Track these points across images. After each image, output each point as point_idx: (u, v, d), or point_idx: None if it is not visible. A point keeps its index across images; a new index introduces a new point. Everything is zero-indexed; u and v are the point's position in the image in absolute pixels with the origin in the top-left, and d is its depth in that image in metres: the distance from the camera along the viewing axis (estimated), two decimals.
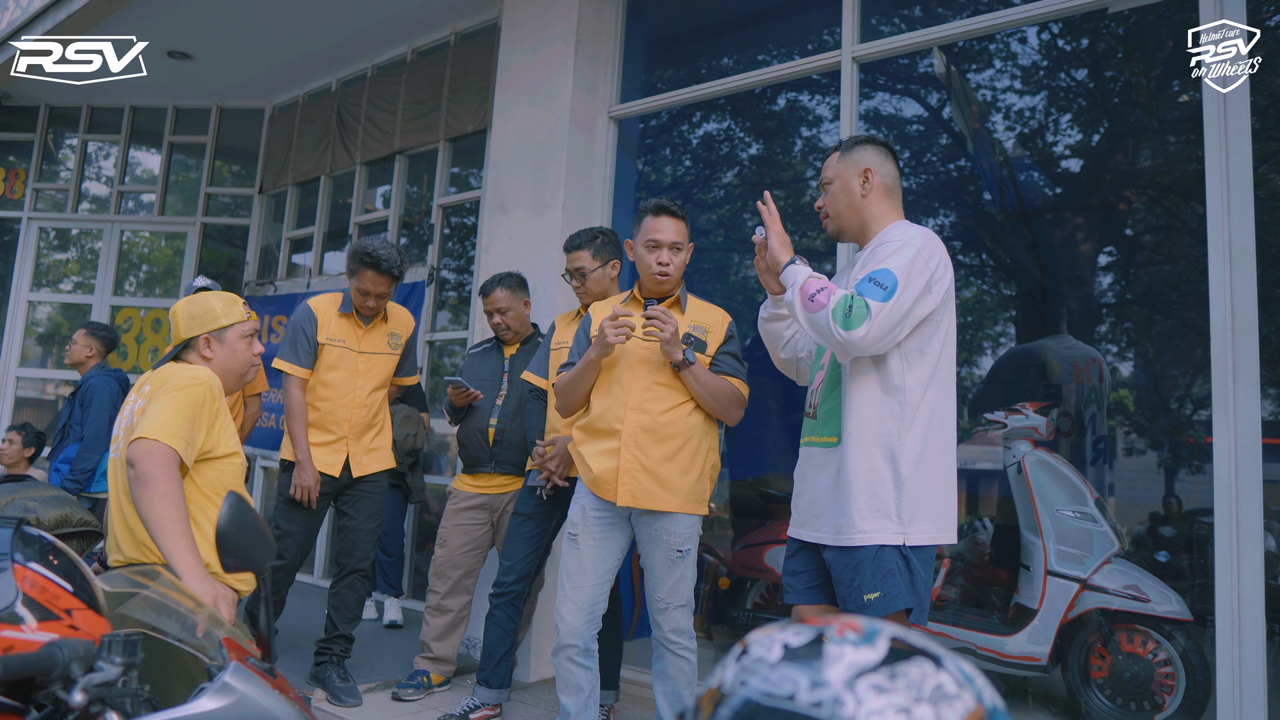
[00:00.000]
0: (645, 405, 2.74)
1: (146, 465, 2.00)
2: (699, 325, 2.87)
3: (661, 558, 2.75)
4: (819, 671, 0.63)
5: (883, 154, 2.36)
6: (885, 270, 2.08)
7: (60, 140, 7.99)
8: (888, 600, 2.06)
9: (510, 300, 3.81)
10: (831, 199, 2.37)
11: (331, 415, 3.61)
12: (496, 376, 3.84)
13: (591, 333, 2.89)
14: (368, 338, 3.70)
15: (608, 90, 4.64)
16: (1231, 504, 2.66)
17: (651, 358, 2.77)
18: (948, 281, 2.17)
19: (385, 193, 6.40)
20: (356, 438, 3.67)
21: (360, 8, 5.71)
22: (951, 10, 3.86)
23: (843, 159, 2.36)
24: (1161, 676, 3.07)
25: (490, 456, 3.75)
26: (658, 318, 2.65)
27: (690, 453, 2.76)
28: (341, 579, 3.71)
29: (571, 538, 2.83)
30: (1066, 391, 3.55)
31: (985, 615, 3.56)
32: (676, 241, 2.86)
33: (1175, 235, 3.55)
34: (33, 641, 1.05)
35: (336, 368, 3.62)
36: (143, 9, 5.70)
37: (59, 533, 2.70)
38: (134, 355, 7.44)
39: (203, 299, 2.44)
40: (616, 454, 2.73)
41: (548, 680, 4.08)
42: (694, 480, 2.76)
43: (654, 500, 2.71)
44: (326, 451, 3.61)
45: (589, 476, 2.79)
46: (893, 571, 2.08)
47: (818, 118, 4.50)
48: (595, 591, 2.80)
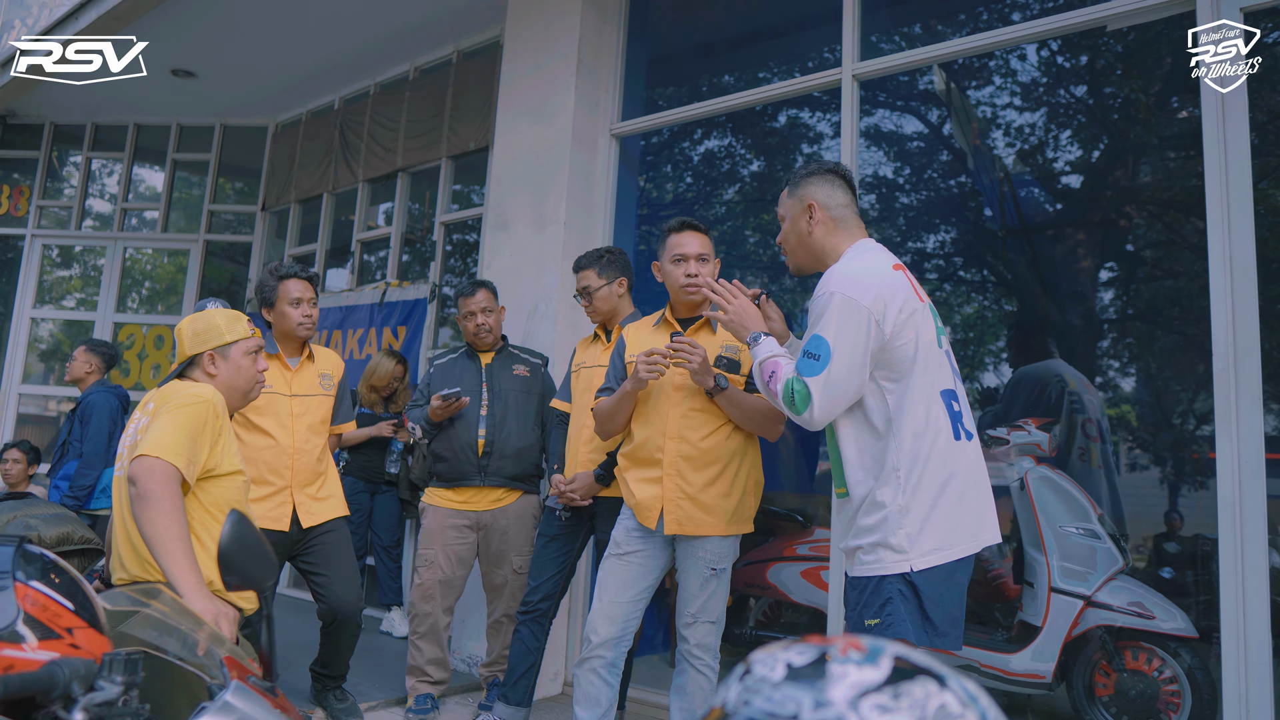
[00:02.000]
0: (684, 433, 2.74)
1: (148, 483, 2.00)
2: (731, 345, 2.85)
3: (696, 574, 2.76)
4: (822, 691, 0.63)
5: (829, 182, 2.30)
6: (816, 337, 2.09)
7: (64, 158, 8.03)
8: (885, 628, 2.06)
9: (492, 302, 3.79)
10: (784, 237, 2.37)
11: (271, 465, 3.33)
12: (476, 385, 3.73)
13: (626, 357, 2.91)
14: (297, 379, 3.49)
15: (609, 108, 4.66)
16: (1235, 520, 2.65)
17: (686, 384, 2.76)
18: (898, 303, 2.10)
19: (387, 210, 6.43)
20: (301, 486, 3.39)
21: (363, 26, 5.75)
22: (951, 28, 3.88)
23: (791, 195, 2.35)
24: (1167, 694, 3.05)
25: (479, 470, 3.66)
26: (684, 350, 2.63)
27: (731, 475, 2.76)
28: (336, 630, 3.45)
29: (616, 556, 2.84)
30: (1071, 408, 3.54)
31: (989, 633, 3.55)
32: (702, 253, 2.88)
33: (1176, 251, 3.56)
34: (33, 660, 1.05)
35: (266, 413, 3.36)
36: (146, 27, 5.74)
37: (60, 550, 2.70)
38: (136, 372, 7.45)
39: (207, 316, 2.44)
40: (659, 483, 2.74)
41: (549, 698, 4.06)
42: (736, 501, 2.76)
43: (698, 526, 2.73)
44: (269, 505, 3.31)
45: (633, 501, 2.81)
46: (891, 599, 2.06)
47: (818, 135, 4.52)
48: (632, 608, 2.81)
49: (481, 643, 4.09)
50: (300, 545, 3.41)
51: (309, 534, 3.41)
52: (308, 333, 3.50)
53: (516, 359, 3.86)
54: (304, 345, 3.56)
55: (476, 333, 3.76)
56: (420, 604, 3.67)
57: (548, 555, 3.42)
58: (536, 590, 3.40)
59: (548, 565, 3.41)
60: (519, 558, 3.70)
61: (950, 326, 4.22)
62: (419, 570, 3.70)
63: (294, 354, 3.53)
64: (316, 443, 3.48)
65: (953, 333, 4.24)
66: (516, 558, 3.70)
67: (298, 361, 3.52)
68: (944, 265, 4.24)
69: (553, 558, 3.41)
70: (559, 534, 3.40)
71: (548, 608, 3.41)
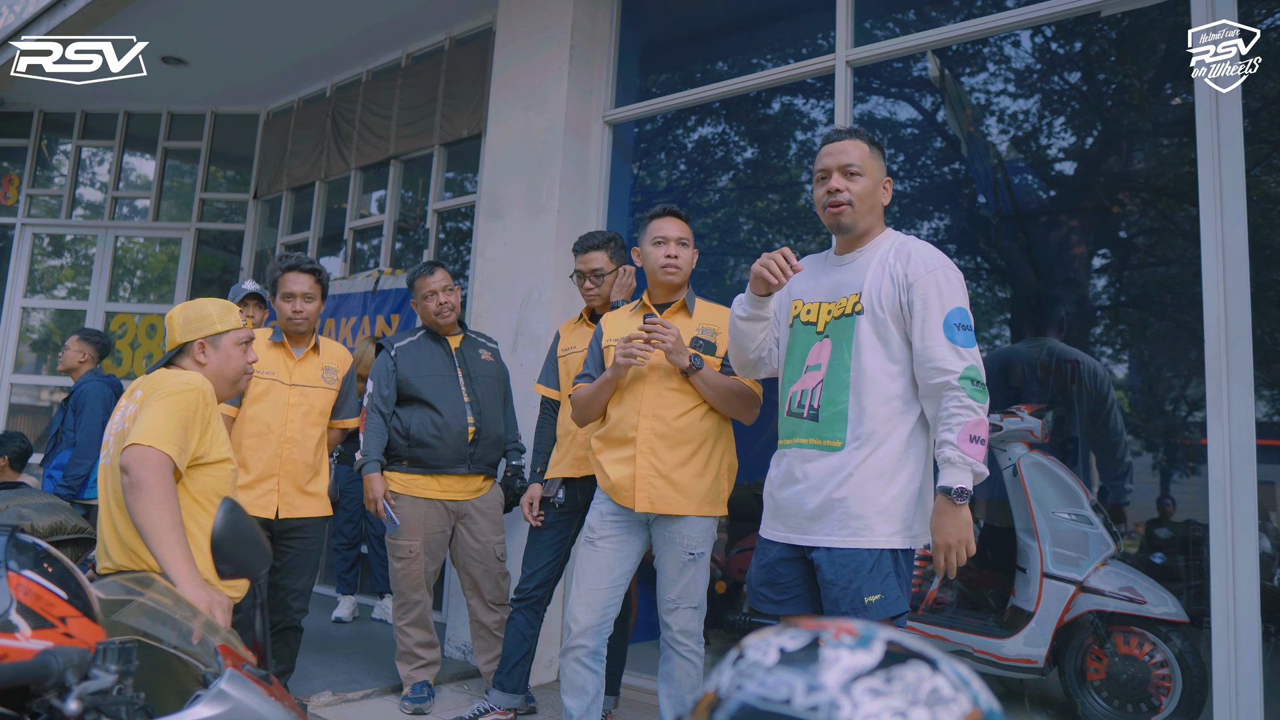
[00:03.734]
0: (658, 412, 2.74)
1: (141, 471, 1.99)
2: (707, 328, 2.87)
3: (673, 560, 2.76)
4: (815, 675, 0.63)
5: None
6: (959, 309, 2.17)
7: (54, 146, 7.97)
8: (887, 603, 2.07)
9: (450, 281, 3.71)
10: (861, 194, 2.26)
11: (259, 452, 3.30)
12: (450, 370, 3.67)
13: (605, 343, 2.92)
14: (299, 369, 3.45)
15: (602, 95, 4.65)
16: (1226, 505, 2.66)
17: (662, 364, 2.77)
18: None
19: (380, 198, 6.40)
20: (289, 476, 3.34)
21: (355, 13, 5.72)
22: (945, 14, 3.87)
23: (873, 155, 2.30)
24: (1158, 678, 3.08)
25: (468, 458, 3.61)
26: (656, 329, 2.65)
27: (705, 456, 2.76)
28: (276, 633, 3.38)
29: (589, 541, 2.84)
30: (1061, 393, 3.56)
31: (981, 618, 3.57)
32: (682, 237, 2.90)
33: (1169, 238, 3.56)
34: (27, 649, 1.04)
35: (262, 400, 3.35)
36: (137, 14, 5.69)
37: (53, 540, 2.70)
38: (128, 361, 7.42)
39: (199, 305, 2.44)
40: (632, 461, 2.74)
41: (544, 685, 4.07)
42: (710, 483, 2.77)
43: (671, 505, 2.72)
44: (255, 493, 3.27)
45: (607, 484, 2.81)
46: (890, 574, 2.09)
47: (812, 121, 4.51)
48: (610, 594, 2.81)
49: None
50: (275, 541, 3.33)
51: (287, 533, 3.36)
52: (298, 329, 3.45)
53: (479, 343, 3.81)
54: (309, 335, 3.53)
55: (439, 311, 3.66)
56: (411, 594, 3.63)
57: (542, 543, 3.42)
58: (531, 578, 3.40)
59: (543, 553, 3.41)
60: (499, 546, 3.70)
61: None
62: (402, 561, 3.59)
63: (299, 344, 3.51)
64: (312, 434, 3.44)
65: None
66: (498, 546, 3.70)
67: (302, 351, 3.49)
68: None
69: (547, 545, 3.41)
70: (554, 521, 3.40)
71: (542, 595, 3.41)
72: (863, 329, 2.21)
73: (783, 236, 4.83)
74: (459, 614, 4.35)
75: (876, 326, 2.20)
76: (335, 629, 5.02)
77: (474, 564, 3.66)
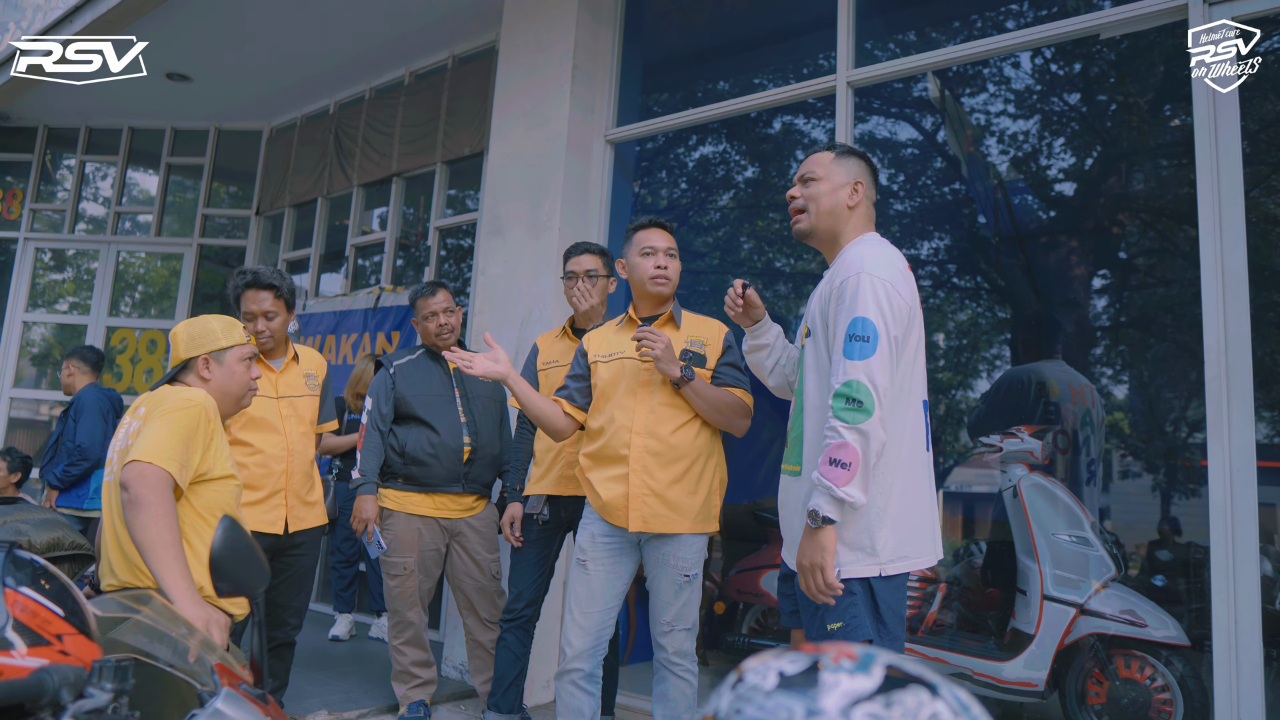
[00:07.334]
0: (652, 429, 2.72)
1: (140, 488, 1.99)
2: (696, 340, 2.85)
3: (668, 581, 2.73)
4: (814, 700, 0.63)
5: (871, 173, 2.33)
6: (859, 319, 2.01)
7: (58, 161, 8.01)
8: (849, 631, 2.03)
9: (452, 302, 3.71)
10: (814, 196, 2.27)
11: (267, 469, 3.26)
12: (448, 390, 3.69)
13: (591, 359, 2.89)
14: (282, 380, 3.40)
15: (604, 113, 4.67)
16: (1227, 527, 2.65)
17: (652, 380, 2.75)
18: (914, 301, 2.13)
19: (382, 215, 6.42)
20: (294, 490, 3.32)
21: (359, 31, 5.76)
22: (945, 35, 3.90)
23: (837, 162, 2.30)
24: (1159, 702, 3.06)
25: (462, 477, 3.61)
26: (646, 337, 2.63)
27: (698, 472, 2.75)
28: (271, 649, 3.35)
29: (580, 564, 2.81)
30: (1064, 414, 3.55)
31: (981, 640, 3.55)
32: (670, 248, 2.89)
33: (1168, 259, 3.57)
34: (22, 667, 1.04)
35: (259, 417, 3.29)
36: (141, 31, 5.72)
37: (51, 556, 2.68)
38: (129, 376, 7.43)
39: (203, 321, 2.44)
40: (625, 480, 2.71)
41: (541, 705, 4.05)
42: (702, 500, 2.75)
43: (665, 524, 2.70)
44: (263, 509, 3.23)
45: (598, 503, 2.78)
46: (854, 603, 2.04)
47: (813, 141, 4.54)
48: (604, 617, 2.78)
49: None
50: (277, 555, 3.31)
51: (290, 548, 3.34)
52: (264, 347, 3.36)
53: None
54: (286, 345, 3.47)
55: (439, 333, 3.67)
56: (405, 611, 3.62)
57: (527, 561, 3.39)
58: (519, 597, 3.38)
59: (528, 571, 3.39)
60: (494, 564, 3.69)
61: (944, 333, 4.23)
62: (396, 579, 3.58)
63: (276, 356, 3.45)
64: (309, 445, 3.43)
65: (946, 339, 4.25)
66: (493, 564, 3.69)
67: (282, 362, 3.44)
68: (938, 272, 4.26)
69: (532, 563, 3.39)
70: (536, 539, 3.38)
71: (531, 614, 3.39)
72: (807, 352, 2.22)
73: (783, 256, 4.84)
74: (456, 633, 4.33)
75: (816, 348, 2.18)
76: (332, 647, 5.00)
77: (469, 582, 3.66)
